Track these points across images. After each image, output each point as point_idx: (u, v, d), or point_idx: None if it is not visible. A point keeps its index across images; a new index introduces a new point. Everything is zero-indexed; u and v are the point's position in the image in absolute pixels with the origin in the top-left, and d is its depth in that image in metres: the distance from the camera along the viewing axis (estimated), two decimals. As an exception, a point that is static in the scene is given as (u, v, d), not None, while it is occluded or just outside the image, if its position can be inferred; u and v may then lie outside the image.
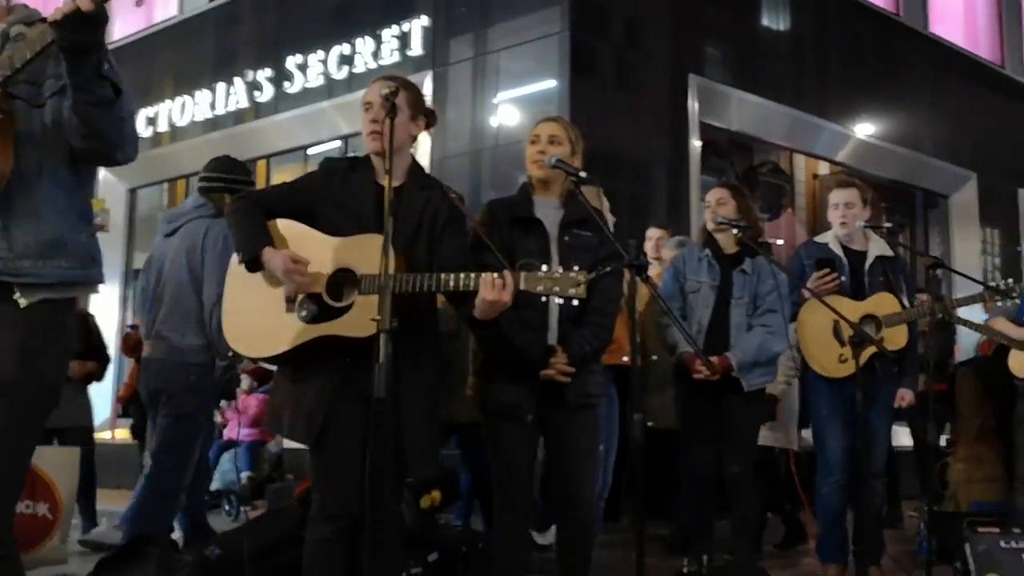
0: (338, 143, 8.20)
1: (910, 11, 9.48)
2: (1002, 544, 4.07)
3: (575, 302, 2.49)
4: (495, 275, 2.46)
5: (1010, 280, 4.31)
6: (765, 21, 8.16)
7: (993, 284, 4.26)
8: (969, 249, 9.66)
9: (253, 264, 2.59)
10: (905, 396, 4.13)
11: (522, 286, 2.48)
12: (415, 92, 2.76)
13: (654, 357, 4.69)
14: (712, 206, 3.97)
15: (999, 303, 4.67)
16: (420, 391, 2.68)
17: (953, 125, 9.60)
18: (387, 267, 2.36)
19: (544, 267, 2.51)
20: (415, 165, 2.79)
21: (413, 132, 2.73)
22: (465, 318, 2.65)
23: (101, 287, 2.29)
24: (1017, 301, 4.54)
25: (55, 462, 3.78)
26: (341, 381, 2.57)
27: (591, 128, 6.33)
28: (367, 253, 2.50)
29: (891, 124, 9.04)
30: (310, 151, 8.20)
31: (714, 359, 3.70)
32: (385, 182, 2.44)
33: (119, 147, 2.14)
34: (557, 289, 2.45)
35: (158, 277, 3.90)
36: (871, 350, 3.87)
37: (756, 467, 4.01)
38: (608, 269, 2.72)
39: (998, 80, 10.40)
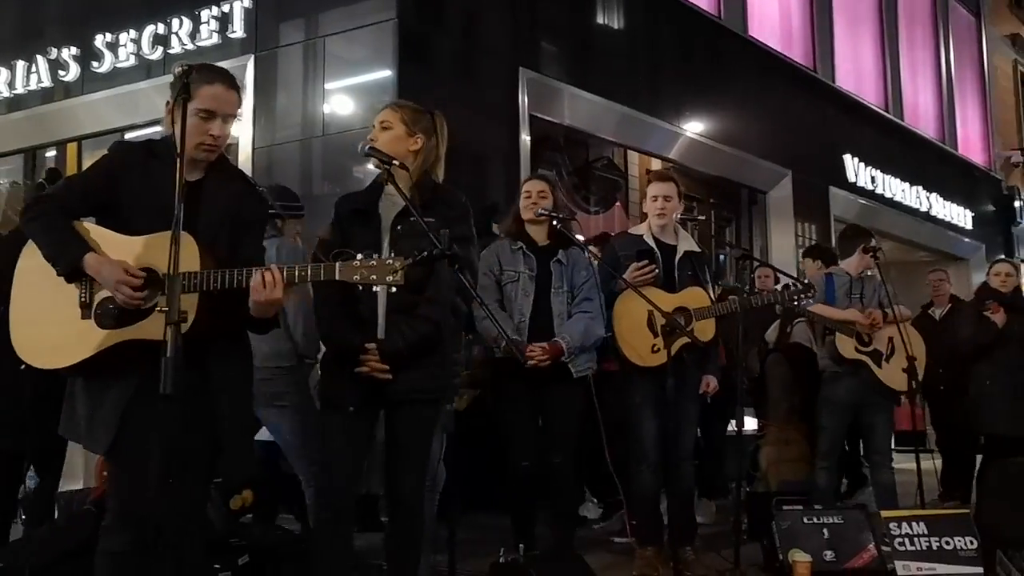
0: (159, 128, 7.76)
1: (730, 14, 9.89)
2: (804, 520, 4.32)
3: (394, 289, 2.46)
4: (262, 272, 2.38)
5: (806, 280, 4.58)
6: (600, 19, 8.31)
7: (791, 286, 4.49)
8: (785, 243, 10.21)
9: (74, 274, 2.43)
10: (710, 383, 4.31)
11: (337, 276, 2.42)
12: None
13: None
14: (533, 197, 4.00)
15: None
16: (231, 389, 2.58)
17: (771, 125, 10.10)
18: (176, 259, 2.24)
19: (359, 256, 2.44)
20: (222, 158, 2.67)
21: (201, 158, 2.59)
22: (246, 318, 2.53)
23: None
24: (811, 302, 4.81)
25: None
26: (140, 383, 2.43)
27: (424, 118, 6.30)
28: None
29: (717, 123, 9.41)
30: (128, 135, 7.72)
31: (545, 345, 3.73)
32: (190, 176, 2.35)
33: None
34: (374, 277, 2.39)
35: None
36: (683, 340, 4.02)
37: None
38: (425, 254, 2.63)
39: (810, 83, 11.01)
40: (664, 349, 3.96)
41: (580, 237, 4.35)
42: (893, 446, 5.23)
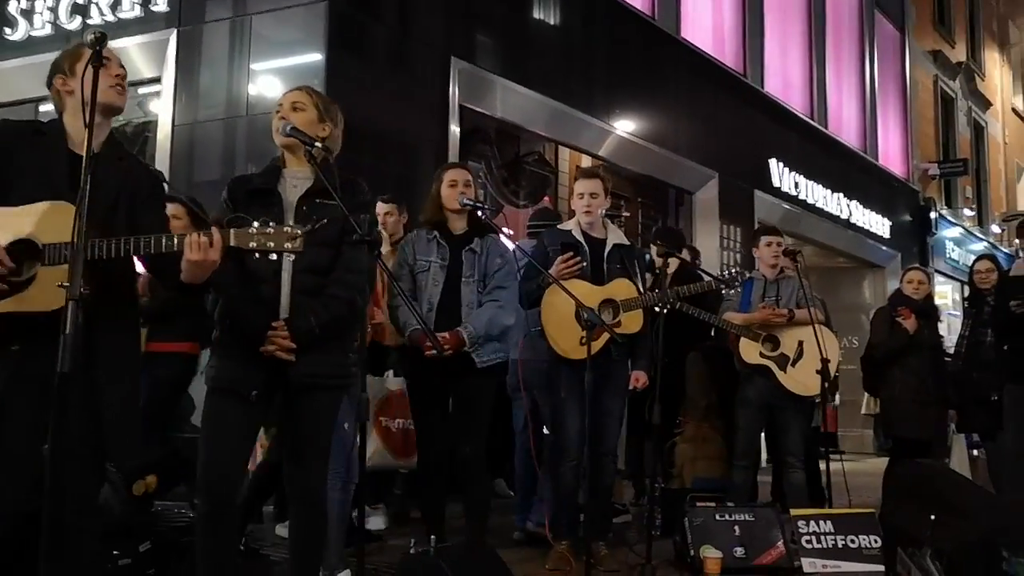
0: (75, 100, 7.46)
1: (664, 16, 9.98)
2: (716, 517, 4.39)
3: (292, 257, 2.46)
4: (199, 233, 2.33)
5: (735, 270, 4.66)
6: (535, 14, 8.28)
7: (720, 275, 4.58)
8: (710, 244, 10.30)
9: None
10: (639, 378, 4.33)
11: (232, 242, 2.38)
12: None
13: None
14: (460, 186, 3.98)
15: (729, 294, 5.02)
16: (120, 369, 2.50)
17: (700, 127, 10.23)
18: (82, 230, 2.15)
19: (256, 223, 2.39)
20: (113, 136, 2.65)
21: (118, 103, 2.61)
22: (172, 287, 2.51)
23: None
24: (739, 290, 4.90)
25: None
26: (17, 363, 2.35)
27: (353, 105, 6.18)
28: (51, 221, 2.33)
29: (648, 123, 9.49)
30: (42, 106, 7.40)
31: (445, 335, 3.71)
32: (80, 151, 2.26)
33: None
34: (271, 244, 2.36)
35: None
36: (607, 334, 4.04)
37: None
38: (325, 221, 2.66)
39: (739, 87, 11.19)
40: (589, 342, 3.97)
41: (507, 231, 4.35)
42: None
